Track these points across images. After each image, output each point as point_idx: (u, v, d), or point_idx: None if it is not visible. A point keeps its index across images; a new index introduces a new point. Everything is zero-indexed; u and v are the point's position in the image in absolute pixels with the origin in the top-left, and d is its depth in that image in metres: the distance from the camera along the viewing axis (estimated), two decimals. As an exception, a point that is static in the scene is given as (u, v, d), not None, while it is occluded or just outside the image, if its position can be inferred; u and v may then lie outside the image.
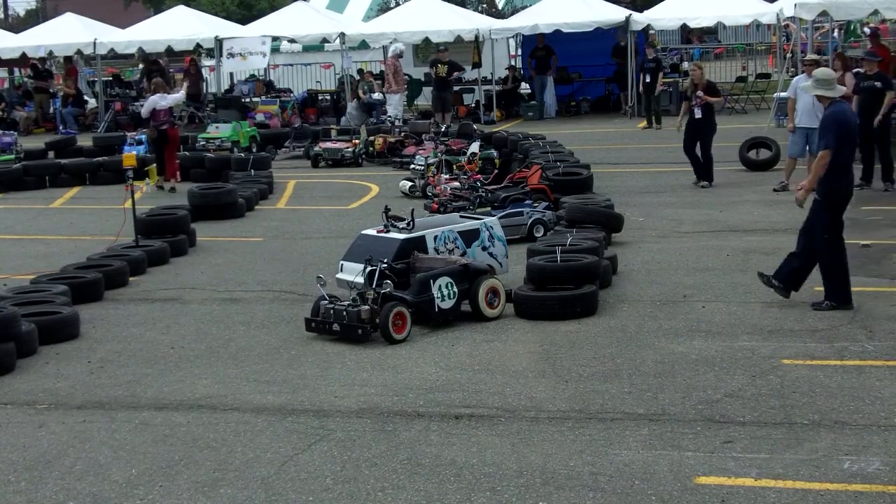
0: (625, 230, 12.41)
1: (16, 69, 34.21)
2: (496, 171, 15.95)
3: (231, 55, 26.97)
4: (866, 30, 27.93)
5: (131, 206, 12.35)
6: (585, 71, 29.35)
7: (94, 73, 32.04)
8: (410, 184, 16.30)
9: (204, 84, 30.03)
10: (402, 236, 9.82)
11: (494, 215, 11.45)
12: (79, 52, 29.43)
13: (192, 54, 32.12)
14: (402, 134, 21.00)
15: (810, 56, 17.23)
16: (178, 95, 19.36)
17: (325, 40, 29.38)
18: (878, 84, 15.39)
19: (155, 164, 16.36)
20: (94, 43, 28.58)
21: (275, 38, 28.25)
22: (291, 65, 33.71)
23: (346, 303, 9.08)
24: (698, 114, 16.04)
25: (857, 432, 6.59)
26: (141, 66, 32.08)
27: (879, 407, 7.00)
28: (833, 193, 9.23)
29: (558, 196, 13.71)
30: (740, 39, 39.70)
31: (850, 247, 11.64)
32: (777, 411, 6.99)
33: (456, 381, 7.86)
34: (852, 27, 29.75)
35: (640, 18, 27.27)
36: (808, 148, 15.47)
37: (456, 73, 25.69)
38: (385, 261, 9.36)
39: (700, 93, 16.03)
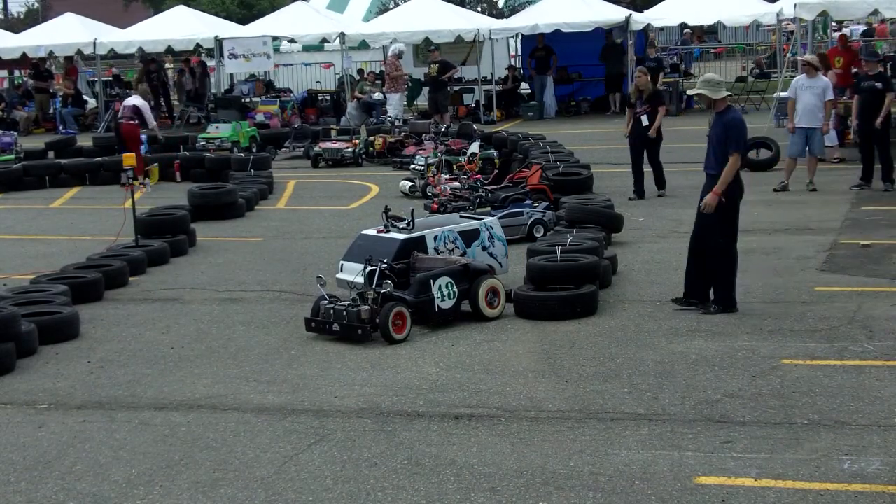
0: (625, 230, 12.40)
1: (16, 70, 34.24)
2: (496, 172, 15.95)
3: (233, 56, 27.00)
4: (847, 30, 27.94)
5: (131, 206, 12.35)
6: (585, 71, 29.32)
7: (93, 73, 32.05)
8: (410, 184, 16.30)
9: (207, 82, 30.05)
10: (402, 236, 9.81)
11: (494, 215, 11.45)
12: (79, 51, 29.44)
13: (192, 54, 32.15)
14: (402, 134, 21.00)
15: (807, 56, 17.23)
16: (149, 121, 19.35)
17: (325, 40, 29.39)
18: (878, 85, 15.40)
19: (156, 164, 16.43)
20: (94, 43, 28.59)
21: (275, 38, 28.25)
22: (291, 65, 33.71)
23: (346, 303, 9.08)
24: (645, 121, 15.03)
25: (857, 432, 6.59)
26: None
27: (879, 407, 7.00)
28: (734, 195, 9.37)
29: (558, 196, 13.70)
30: (740, 39, 39.71)
31: (850, 246, 11.75)
32: (777, 411, 6.98)
33: (456, 381, 7.86)
34: (815, 27, 29.87)
35: (640, 18, 27.28)
36: (807, 148, 15.50)
37: (451, 72, 25.69)
38: (385, 261, 9.35)
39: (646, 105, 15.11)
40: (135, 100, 18.93)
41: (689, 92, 9.86)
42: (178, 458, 6.63)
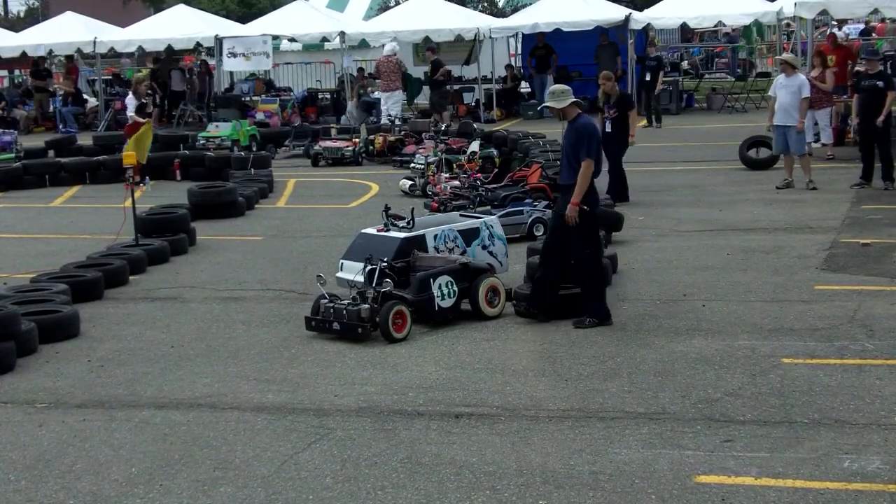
0: (624, 229, 12.40)
1: (16, 69, 34.26)
2: (496, 170, 15.94)
3: (233, 55, 27.04)
4: (842, 31, 27.93)
5: (131, 205, 12.34)
6: (585, 70, 29.29)
7: (93, 71, 32.06)
8: (410, 182, 16.30)
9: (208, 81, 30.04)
10: (401, 235, 9.81)
11: (494, 214, 11.45)
12: (79, 50, 29.45)
13: (191, 53, 32.18)
14: (402, 133, 21.01)
15: (783, 56, 17.27)
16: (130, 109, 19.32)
17: (325, 39, 29.39)
18: (879, 83, 15.40)
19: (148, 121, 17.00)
20: (94, 42, 28.59)
21: (275, 37, 28.26)
22: (290, 63, 33.73)
23: (346, 301, 9.07)
24: (609, 128, 14.47)
25: (857, 431, 6.59)
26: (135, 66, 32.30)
27: (879, 405, 6.99)
28: (591, 203, 9.19)
29: (558, 195, 13.67)
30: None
31: (850, 245, 11.75)
32: (777, 410, 6.98)
33: (456, 379, 7.86)
34: (753, 29, 30.01)
35: (640, 17, 27.28)
36: (787, 145, 15.60)
37: (441, 70, 25.69)
38: (385, 259, 9.35)
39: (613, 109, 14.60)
40: (127, 98, 19.14)
41: (539, 107, 9.77)
42: (177, 456, 6.63)
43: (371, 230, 10.21)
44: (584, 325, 9.04)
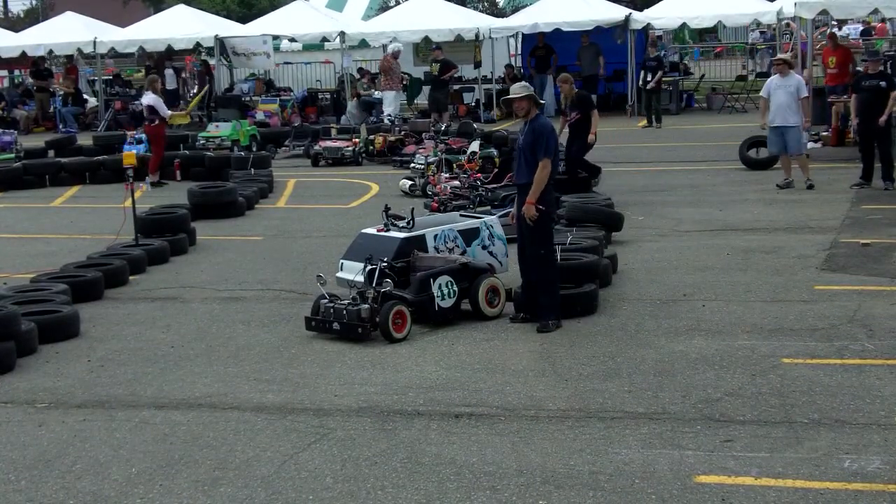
0: (625, 229, 12.40)
1: (16, 69, 34.27)
2: (496, 170, 15.95)
3: (236, 53, 27.24)
4: (842, 31, 27.95)
5: (131, 204, 12.35)
6: (586, 70, 29.35)
7: (93, 72, 32.06)
8: (410, 182, 16.30)
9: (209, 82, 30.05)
10: (401, 235, 9.81)
11: (494, 214, 11.45)
12: (79, 50, 29.45)
13: (191, 53, 32.18)
14: (402, 133, 21.01)
15: (780, 56, 17.28)
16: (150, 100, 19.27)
17: (324, 39, 29.39)
18: (882, 83, 15.39)
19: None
20: (94, 42, 28.60)
21: (275, 37, 28.28)
22: (290, 63, 33.75)
23: (346, 302, 9.08)
24: (569, 130, 14.77)
25: (857, 431, 6.59)
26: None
27: (879, 406, 6.99)
28: (550, 202, 9.18)
29: (558, 195, 13.66)
30: (740, 39, 39.72)
31: (849, 245, 11.75)
32: (777, 410, 6.98)
33: (456, 379, 7.86)
34: (681, 32, 29.91)
35: (640, 17, 27.30)
36: (785, 146, 15.59)
37: (451, 72, 25.70)
38: (385, 259, 9.35)
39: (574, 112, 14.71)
40: (146, 98, 18.97)
41: (506, 98, 9.63)
42: (178, 456, 6.63)
43: (371, 230, 10.21)
44: (549, 329, 8.98)
